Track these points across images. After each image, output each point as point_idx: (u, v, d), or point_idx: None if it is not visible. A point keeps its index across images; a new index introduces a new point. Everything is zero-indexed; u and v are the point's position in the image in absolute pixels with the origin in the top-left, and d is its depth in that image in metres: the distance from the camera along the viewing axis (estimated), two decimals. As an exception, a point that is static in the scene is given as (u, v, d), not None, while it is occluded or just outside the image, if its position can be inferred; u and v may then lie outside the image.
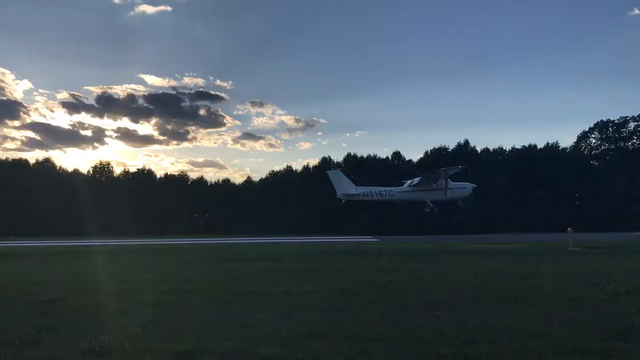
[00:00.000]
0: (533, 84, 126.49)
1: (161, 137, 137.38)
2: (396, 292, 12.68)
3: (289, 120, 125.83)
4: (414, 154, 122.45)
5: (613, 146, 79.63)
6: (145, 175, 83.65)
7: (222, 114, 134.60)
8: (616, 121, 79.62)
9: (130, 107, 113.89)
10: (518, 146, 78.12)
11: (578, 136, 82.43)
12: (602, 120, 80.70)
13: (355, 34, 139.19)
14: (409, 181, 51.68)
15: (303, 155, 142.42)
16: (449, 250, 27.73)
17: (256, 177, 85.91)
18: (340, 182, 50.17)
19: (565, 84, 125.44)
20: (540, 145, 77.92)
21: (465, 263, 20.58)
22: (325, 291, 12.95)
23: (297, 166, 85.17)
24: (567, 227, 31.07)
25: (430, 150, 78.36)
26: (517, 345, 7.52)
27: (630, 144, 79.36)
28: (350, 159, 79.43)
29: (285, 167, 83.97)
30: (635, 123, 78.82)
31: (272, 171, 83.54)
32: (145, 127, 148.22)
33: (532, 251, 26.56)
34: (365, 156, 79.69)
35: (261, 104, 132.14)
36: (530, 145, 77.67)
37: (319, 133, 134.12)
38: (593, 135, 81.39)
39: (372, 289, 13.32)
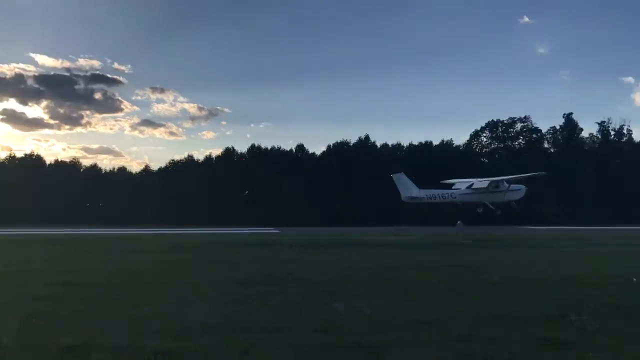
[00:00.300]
0: (429, 82, 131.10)
1: (52, 121, 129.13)
2: (296, 283, 12.79)
3: (191, 108, 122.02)
4: (317, 147, 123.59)
5: (502, 145, 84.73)
6: (33, 160, 78.43)
7: (120, 98, 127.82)
8: (505, 121, 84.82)
9: (18, 87, 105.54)
10: (415, 142, 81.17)
11: (470, 134, 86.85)
12: (492, 120, 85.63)
13: (263, 23, 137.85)
14: (465, 182, 53.08)
15: (206, 145, 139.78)
16: (348, 242, 28.42)
17: (155, 166, 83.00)
18: (405, 185, 51.12)
19: (461, 84, 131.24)
20: (436, 142, 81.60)
21: (363, 254, 21.19)
22: (223, 282, 12.83)
23: (199, 156, 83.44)
24: (457, 220, 32.75)
25: (333, 144, 79.67)
26: (408, 335, 7.83)
27: (516, 143, 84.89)
28: (254, 150, 79.03)
29: (186, 156, 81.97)
30: (522, 124, 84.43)
31: (173, 160, 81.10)
32: (35, 110, 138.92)
33: (425, 243, 27.82)
34: (269, 148, 79.58)
35: (162, 90, 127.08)
36: (426, 142, 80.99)
37: (223, 122, 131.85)
38: (484, 134, 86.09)
39: (271, 279, 13.36)
